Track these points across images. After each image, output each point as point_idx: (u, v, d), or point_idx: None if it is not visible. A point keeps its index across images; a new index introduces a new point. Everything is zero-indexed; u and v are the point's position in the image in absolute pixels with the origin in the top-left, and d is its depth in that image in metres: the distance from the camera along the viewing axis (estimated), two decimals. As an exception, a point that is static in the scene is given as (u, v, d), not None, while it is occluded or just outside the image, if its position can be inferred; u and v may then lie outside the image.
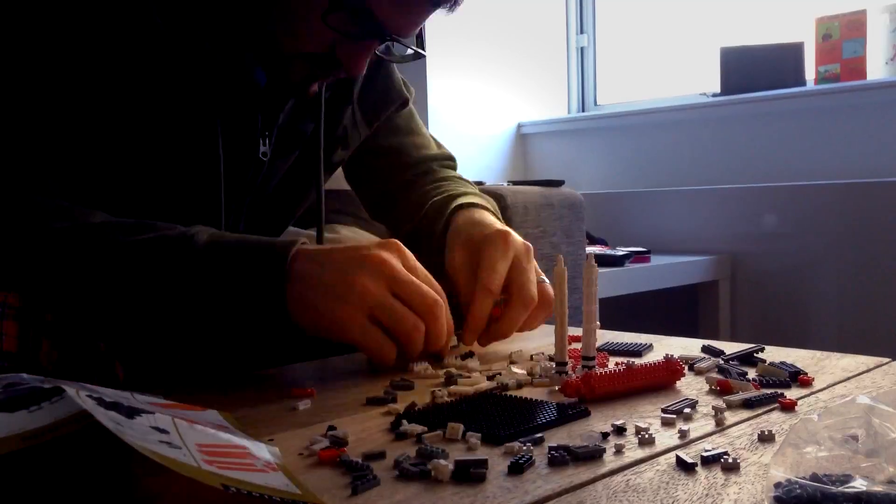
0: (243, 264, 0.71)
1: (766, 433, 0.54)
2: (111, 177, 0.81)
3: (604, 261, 2.24)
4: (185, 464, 0.41)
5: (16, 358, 0.67)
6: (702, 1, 2.94)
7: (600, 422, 0.58)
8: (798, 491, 0.39)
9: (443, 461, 0.48)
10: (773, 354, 0.79)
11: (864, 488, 0.38)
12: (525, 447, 0.52)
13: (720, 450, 0.50)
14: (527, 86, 3.13)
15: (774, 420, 0.58)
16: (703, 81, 2.84)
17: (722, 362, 0.75)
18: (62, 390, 0.45)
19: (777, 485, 0.40)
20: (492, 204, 1.02)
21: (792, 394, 0.64)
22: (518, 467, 0.48)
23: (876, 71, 2.43)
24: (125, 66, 0.78)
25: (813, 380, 0.69)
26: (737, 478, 0.46)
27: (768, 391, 0.64)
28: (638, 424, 0.55)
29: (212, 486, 0.40)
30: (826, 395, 0.65)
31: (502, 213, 1.80)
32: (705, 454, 0.49)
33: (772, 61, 2.60)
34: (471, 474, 0.47)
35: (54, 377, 0.54)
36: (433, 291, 0.73)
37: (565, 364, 0.72)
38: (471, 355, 0.80)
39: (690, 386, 0.68)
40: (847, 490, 0.38)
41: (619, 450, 0.51)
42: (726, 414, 0.59)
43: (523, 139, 3.17)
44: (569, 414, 0.59)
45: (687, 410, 0.60)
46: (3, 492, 0.43)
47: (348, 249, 0.74)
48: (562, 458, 0.49)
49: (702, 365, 0.74)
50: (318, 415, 0.62)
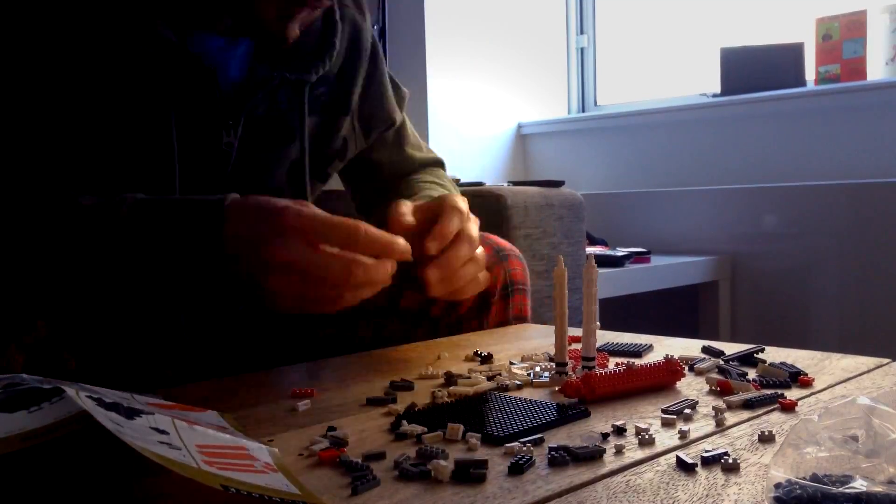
0: (179, 218, 0.71)
1: (767, 434, 0.54)
2: (68, 168, 0.81)
3: (604, 261, 2.24)
4: (184, 464, 0.41)
5: None
6: (702, 1, 2.94)
7: (600, 422, 0.58)
8: (798, 491, 0.39)
9: (443, 461, 0.48)
10: (773, 355, 0.79)
11: (865, 489, 0.38)
12: (525, 448, 0.52)
13: (720, 450, 0.50)
14: (527, 86, 3.13)
15: (774, 420, 0.58)
16: (704, 82, 2.84)
17: (722, 363, 0.75)
18: (62, 391, 0.45)
19: (777, 485, 0.40)
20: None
21: (792, 394, 0.64)
22: (518, 468, 0.48)
23: (876, 71, 2.43)
24: (79, 53, 0.78)
25: (813, 380, 0.69)
26: (737, 478, 0.46)
27: (768, 392, 0.64)
28: (638, 425, 0.55)
29: (211, 486, 0.40)
30: (826, 395, 0.65)
31: (502, 214, 1.81)
32: (705, 455, 0.49)
33: (772, 62, 2.60)
34: (471, 474, 0.47)
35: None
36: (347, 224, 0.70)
37: (565, 364, 0.72)
38: (489, 358, 0.80)
39: (690, 386, 0.68)
40: (847, 490, 0.38)
41: (619, 450, 0.51)
42: (726, 414, 0.59)
43: (523, 139, 3.17)
44: (569, 414, 0.59)
45: (687, 411, 0.60)
46: (2, 491, 0.43)
47: (263, 220, 0.70)
48: (562, 458, 0.49)
49: (702, 365, 0.74)
50: (318, 415, 0.62)
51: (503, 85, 3.07)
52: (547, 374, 0.72)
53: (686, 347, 0.84)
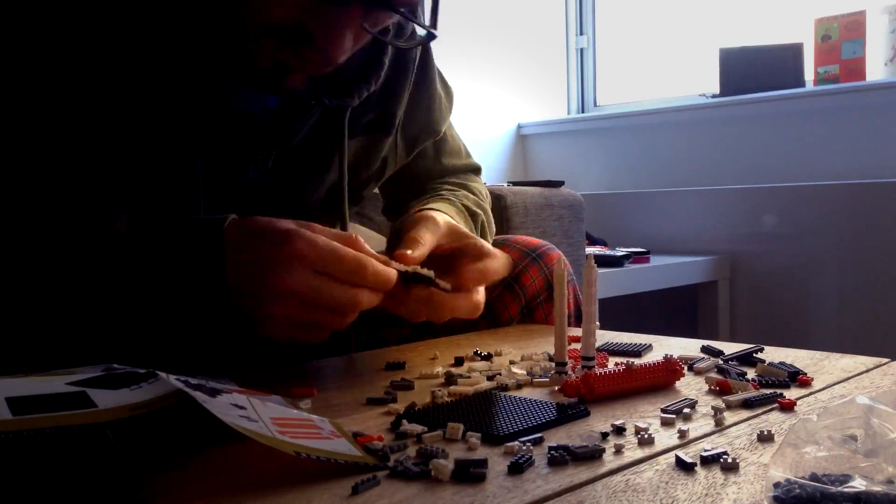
0: (179, 240, 0.67)
1: (766, 433, 0.54)
2: (91, 201, 0.77)
3: (603, 261, 2.24)
4: (262, 434, 0.47)
5: None
6: (701, 2, 2.94)
7: (600, 422, 0.58)
8: (797, 491, 0.39)
9: (443, 461, 0.48)
10: (772, 355, 0.79)
11: (864, 488, 0.38)
12: (525, 447, 0.52)
13: (719, 450, 0.50)
14: (527, 87, 3.13)
15: (774, 420, 0.58)
16: (703, 82, 2.84)
17: (721, 362, 0.75)
18: (155, 374, 0.53)
19: (776, 485, 0.40)
20: (481, 211, 1.00)
21: (791, 394, 0.64)
22: (518, 467, 0.48)
23: (875, 72, 2.43)
24: (111, 85, 0.74)
25: (812, 380, 0.69)
26: (736, 478, 0.46)
27: (767, 391, 0.64)
28: (637, 424, 0.56)
29: (286, 452, 0.46)
30: (825, 395, 0.65)
31: (502, 214, 1.81)
32: (705, 454, 0.49)
33: (771, 62, 2.60)
34: (471, 474, 0.47)
35: None
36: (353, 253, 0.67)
37: (565, 364, 0.72)
38: (489, 357, 0.80)
39: (690, 386, 0.68)
40: (846, 490, 0.38)
41: (618, 450, 0.52)
42: (725, 414, 0.59)
43: (523, 140, 3.17)
44: (568, 414, 0.59)
45: (686, 410, 0.60)
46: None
47: (266, 245, 0.66)
48: (561, 457, 0.49)
49: (701, 365, 0.74)
50: (319, 414, 0.62)
51: (503, 85, 3.07)
52: (547, 373, 0.72)
53: (685, 347, 0.85)
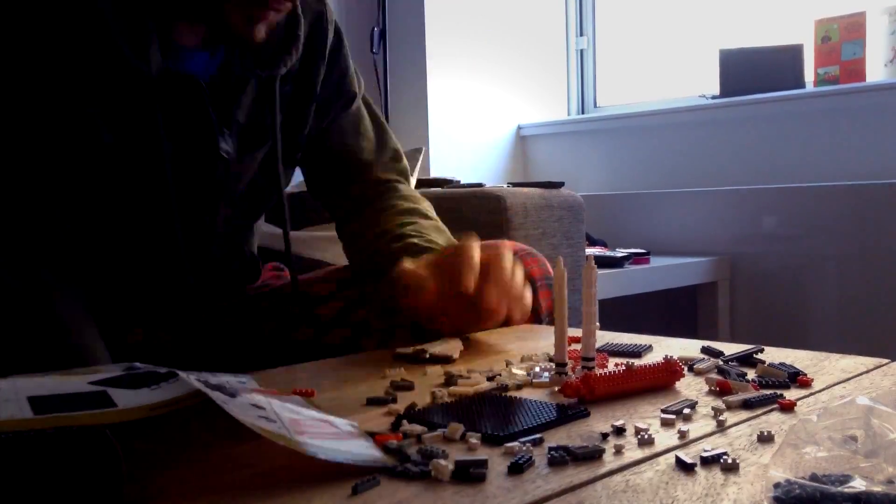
0: None
1: (766, 434, 0.54)
2: (62, 184, 0.84)
3: (603, 262, 2.24)
4: (281, 434, 0.47)
5: None
6: (701, 3, 2.94)
7: (600, 422, 0.58)
8: (797, 491, 0.39)
9: (443, 461, 0.48)
10: (772, 355, 0.79)
11: (864, 488, 0.38)
12: (525, 447, 0.52)
13: (719, 450, 0.50)
14: (526, 88, 3.13)
15: (774, 421, 0.58)
16: (703, 83, 2.84)
17: (721, 363, 0.75)
18: (175, 374, 0.53)
19: (776, 485, 0.40)
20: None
21: (791, 394, 0.64)
22: (518, 467, 0.48)
23: (875, 73, 2.43)
24: (62, 74, 0.81)
25: (812, 381, 0.69)
26: (736, 478, 0.46)
27: (767, 392, 0.64)
28: (637, 425, 0.56)
29: (302, 452, 0.46)
30: (825, 395, 0.65)
31: (502, 215, 1.81)
32: (705, 454, 0.49)
33: (771, 63, 2.60)
34: (471, 474, 0.47)
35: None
36: None
37: (565, 365, 0.72)
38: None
39: (690, 387, 0.68)
40: (846, 490, 0.38)
41: (618, 450, 0.52)
42: (726, 415, 0.59)
43: (523, 141, 3.17)
44: (568, 414, 0.59)
45: (686, 411, 0.60)
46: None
47: None
48: (561, 458, 0.49)
49: (701, 366, 0.74)
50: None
51: (503, 86, 3.07)
52: (547, 374, 0.72)
53: (685, 348, 0.85)
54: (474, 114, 3.01)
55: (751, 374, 0.71)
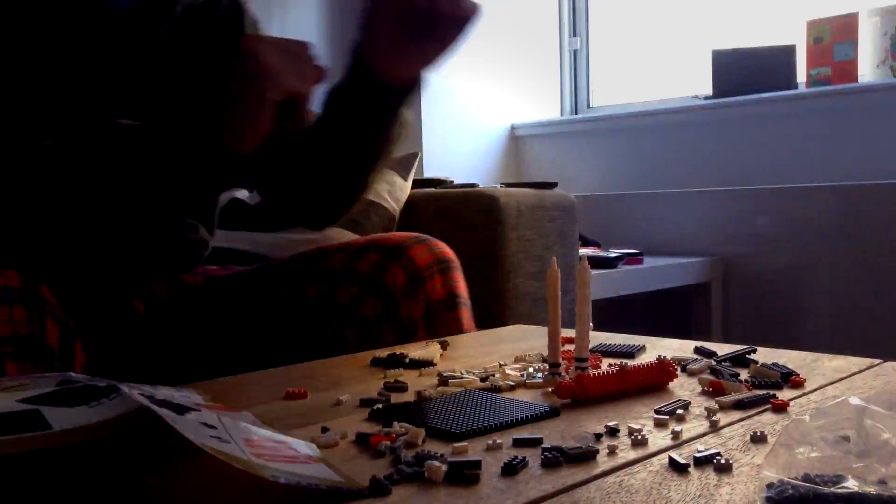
0: None
1: (759, 434, 0.54)
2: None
3: (597, 262, 2.24)
4: (236, 456, 0.43)
5: (23, 341, 0.67)
6: (694, 4, 2.95)
7: (593, 423, 0.58)
8: (790, 491, 0.39)
9: (436, 462, 0.48)
10: (764, 356, 0.79)
11: (856, 489, 0.38)
12: (492, 443, 0.52)
13: (713, 450, 0.50)
14: (520, 87, 3.13)
15: (766, 421, 0.58)
16: (695, 84, 2.84)
17: (714, 363, 0.75)
18: (117, 388, 0.48)
19: (769, 485, 0.40)
20: None
21: (784, 395, 0.65)
22: (512, 468, 0.48)
23: (867, 74, 2.44)
24: None
25: (805, 381, 0.69)
26: (729, 478, 0.46)
27: (760, 392, 0.64)
28: (631, 425, 0.56)
29: (261, 476, 0.42)
30: (818, 396, 0.65)
31: (495, 215, 1.81)
32: (698, 455, 0.49)
33: (763, 64, 2.61)
34: (465, 475, 0.47)
35: (62, 360, 0.55)
36: None
37: (558, 365, 0.72)
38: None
39: (683, 387, 0.68)
40: (839, 491, 0.38)
41: (612, 451, 0.52)
42: (719, 415, 0.59)
43: (516, 141, 3.17)
44: (536, 415, 0.59)
45: (679, 411, 0.60)
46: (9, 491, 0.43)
47: None
48: (555, 459, 0.49)
49: (694, 366, 0.74)
50: (311, 416, 0.62)
51: (496, 86, 3.07)
52: (540, 374, 0.72)
53: (679, 348, 0.85)
54: (468, 113, 3.01)
55: (743, 375, 0.71)
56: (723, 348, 0.82)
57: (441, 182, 2.11)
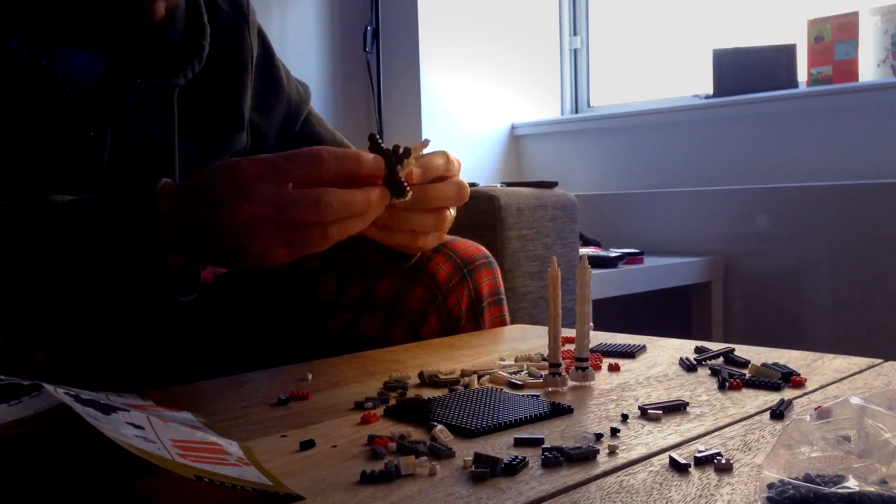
0: (109, 211, 0.68)
1: (759, 434, 0.54)
2: None
3: (597, 262, 2.24)
4: (159, 456, 0.42)
5: None
6: (694, 3, 2.95)
7: (594, 423, 0.58)
8: (791, 491, 0.39)
9: (435, 462, 0.48)
10: (765, 355, 0.79)
11: (857, 489, 0.38)
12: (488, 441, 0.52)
13: (713, 450, 0.50)
14: (520, 87, 3.13)
15: (767, 421, 0.58)
16: (696, 83, 2.84)
17: (696, 362, 0.75)
18: (41, 386, 0.46)
19: (770, 485, 0.40)
20: None
21: (784, 395, 0.65)
22: (512, 468, 0.48)
23: (868, 73, 2.44)
24: None
25: (805, 381, 0.69)
26: (730, 479, 0.46)
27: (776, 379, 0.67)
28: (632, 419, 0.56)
29: (186, 476, 0.41)
30: (818, 395, 0.65)
31: (496, 215, 1.81)
32: (698, 455, 0.49)
33: (764, 63, 2.61)
34: (472, 473, 0.47)
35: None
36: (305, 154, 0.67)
37: (559, 365, 0.72)
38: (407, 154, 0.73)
39: (683, 387, 0.68)
40: (840, 490, 0.38)
41: (612, 451, 0.52)
42: (720, 414, 0.59)
43: (516, 140, 3.17)
44: (550, 411, 0.59)
45: (678, 411, 0.60)
46: None
47: (209, 184, 0.66)
48: (556, 459, 0.49)
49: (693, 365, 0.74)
50: (310, 416, 0.62)
51: (496, 85, 3.07)
52: (543, 373, 0.72)
53: (679, 348, 0.85)
54: (468, 113, 3.01)
55: (730, 373, 0.71)
56: (717, 348, 0.82)
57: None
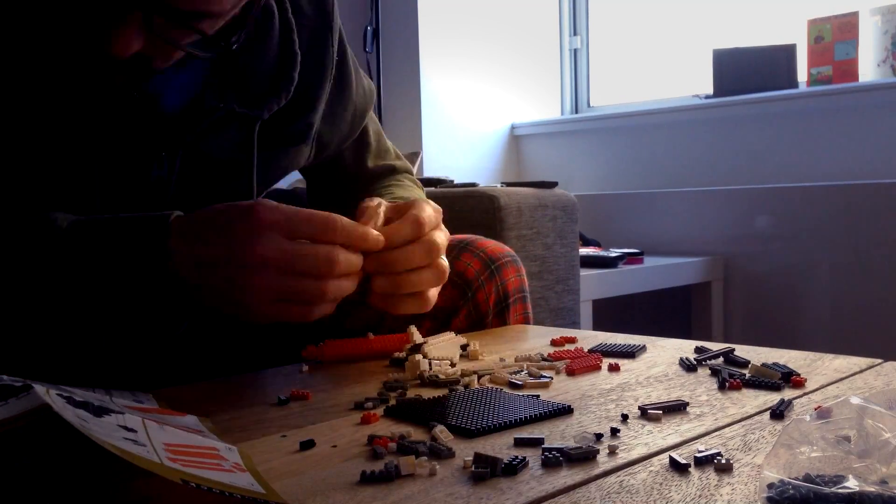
0: (117, 240, 0.67)
1: (759, 434, 0.54)
2: None
3: (597, 262, 2.24)
4: (147, 459, 0.42)
5: None
6: (694, 3, 2.95)
7: (593, 423, 0.58)
8: (791, 492, 0.39)
9: (434, 461, 0.48)
10: (765, 355, 0.79)
11: (857, 489, 0.38)
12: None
13: (713, 450, 0.50)
14: (520, 87, 3.13)
15: (767, 421, 0.58)
16: (696, 83, 2.84)
17: (695, 362, 0.75)
18: (30, 387, 0.46)
19: (770, 485, 0.40)
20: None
21: (785, 395, 0.65)
22: (512, 468, 0.48)
23: (868, 73, 2.44)
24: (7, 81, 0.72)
25: (805, 381, 0.69)
26: (730, 479, 0.46)
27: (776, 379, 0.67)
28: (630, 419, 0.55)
29: (172, 480, 0.41)
30: (818, 395, 0.65)
31: (496, 215, 1.81)
32: (698, 455, 0.49)
33: (764, 63, 2.61)
34: (472, 473, 0.47)
35: None
36: (324, 249, 0.68)
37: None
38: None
39: (684, 387, 0.68)
40: (840, 491, 0.38)
41: (612, 451, 0.52)
42: (720, 414, 0.59)
43: (517, 140, 3.17)
44: (549, 412, 0.59)
45: (678, 411, 0.60)
46: None
47: (227, 219, 0.67)
48: (555, 459, 0.49)
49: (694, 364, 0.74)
50: (310, 416, 0.62)
51: (497, 85, 3.07)
52: (544, 374, 0.72)
53: (679, 348, 0.85)
54: (468, 113, 3.01)
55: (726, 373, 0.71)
56: (717, 348, 0.81)
57: (441, 182, 2.11)
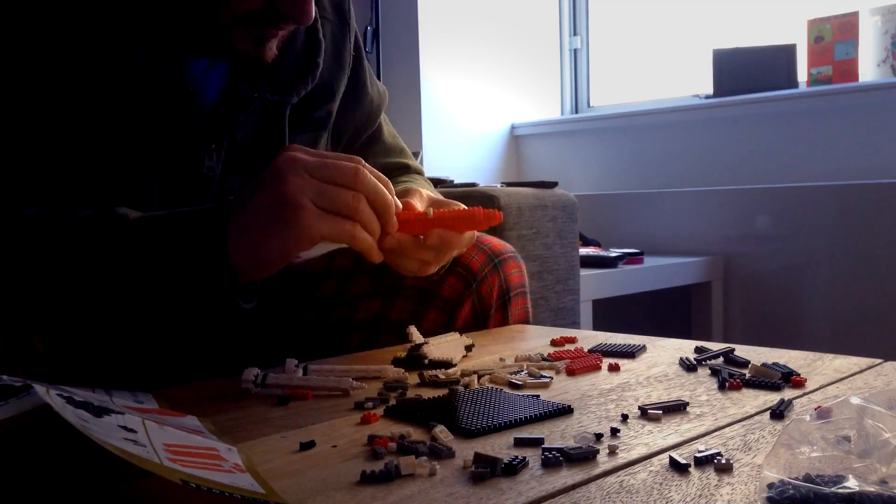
0: (181, 226, 0.71)
1: (759, 434, 0.54)
2: (47, 192, 0.79)
3: (597, 262, 2.24)
4: (145, 458, 0.42)
5: None
6: (694, 3, 2.95)
7: (594, 422, 0.58)
8: (791, 491, 0.39)
9: (433, 461, 0.48)
10: (765, 355, 0.79)
11: (857, 489, 0.38)
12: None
13: (713, 450, 0.50)
14: (520, 87, 3.13)
15: (767, 421, 0.58)
16: (696, 83, 2.84)
17: (695, 361, 0.75)
18: (31, 387, 0.46)
19: (770, 485, 0.40)
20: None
21: (785, 395, 0.65)
22: (512, 468, 0.48)
23: (868, 73, 2.44)
24: (56, 78, 0.76)
25: (805, 381, 0.69)
26: (730, 479, 0.46)
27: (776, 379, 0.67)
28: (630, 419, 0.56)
29: (172, 480, 0.41)
30: (819, 395, 0.65)
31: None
32: (698, 455, 0.49)
33: (764, 63, 2.61)
34: (472, 473, 0.47)
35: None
36: (347, 160, 0.72)
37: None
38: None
39: (684, 387, 0.68)
40: (840, 490, 0.38)
41: (612, 451, 0.52)
42: (720, 414, 0.59)
43: (516, 140, 3.17)
44: (549, 412, 0.59)
45: (678, 411, 0.60)
46: None
47: (261, 179, 0.71)
48: (555, 459, 0.49)
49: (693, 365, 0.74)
50: (310, 416, 0.62)
51: (497, 85, 3.07)
52: (545, 374, 0.72)
53: (679, 348, 0.85)
54: (468, 113, 3.01)
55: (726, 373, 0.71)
56: (717, 348, 0.82)
57: (441, 182, 2.11)
